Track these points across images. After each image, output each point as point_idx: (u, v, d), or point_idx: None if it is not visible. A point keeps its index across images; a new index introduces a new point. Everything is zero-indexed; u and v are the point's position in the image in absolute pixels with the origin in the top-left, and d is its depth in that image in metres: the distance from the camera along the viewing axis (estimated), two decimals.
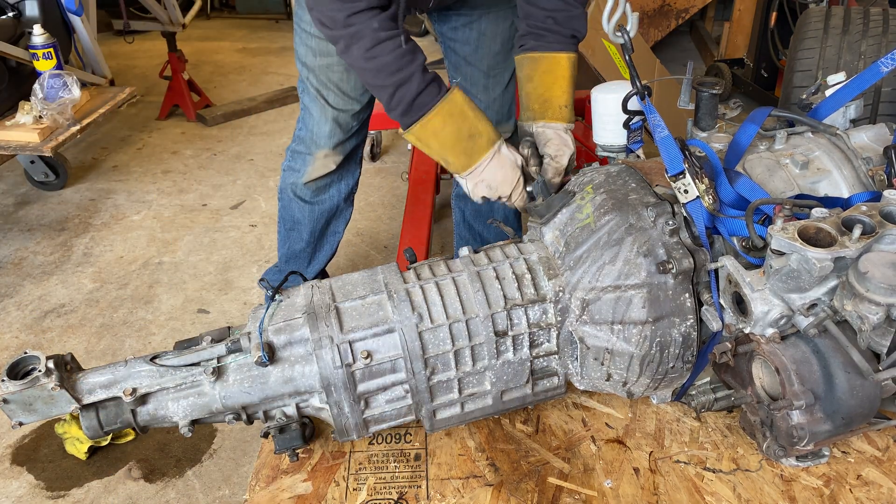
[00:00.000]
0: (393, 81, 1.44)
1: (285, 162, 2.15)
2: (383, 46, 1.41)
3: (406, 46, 1.44)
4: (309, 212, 2.17)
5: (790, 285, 1.18)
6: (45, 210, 3.46)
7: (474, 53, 1.95)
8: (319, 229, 2.22)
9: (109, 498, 1.97)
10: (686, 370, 1.39)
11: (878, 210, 1.20)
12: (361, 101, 1.97)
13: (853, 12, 2.62)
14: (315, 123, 1.98)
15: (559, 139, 1.59)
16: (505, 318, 1.34)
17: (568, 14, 1.58)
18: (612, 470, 1.40)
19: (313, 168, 2.06)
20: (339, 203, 2.19)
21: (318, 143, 2.01)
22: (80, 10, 3.44)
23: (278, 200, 2.23)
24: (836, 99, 1.56)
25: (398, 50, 1.42)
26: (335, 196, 2.17)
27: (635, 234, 1.32)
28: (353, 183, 2.20)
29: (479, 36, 1.92)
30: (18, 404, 1.27)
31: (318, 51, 1.86)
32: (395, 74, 1.43)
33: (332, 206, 2.18)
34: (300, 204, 2.16)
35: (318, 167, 2.06)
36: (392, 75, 1.43)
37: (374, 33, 1.40)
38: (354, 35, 1.41)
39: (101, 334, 2.59)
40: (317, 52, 1.86)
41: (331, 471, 1.43)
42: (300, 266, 2.28)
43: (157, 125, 4.48)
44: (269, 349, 1.30)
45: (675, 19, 5.20)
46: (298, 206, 2.16)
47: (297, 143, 2.07)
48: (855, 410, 1.22)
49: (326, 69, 1.88)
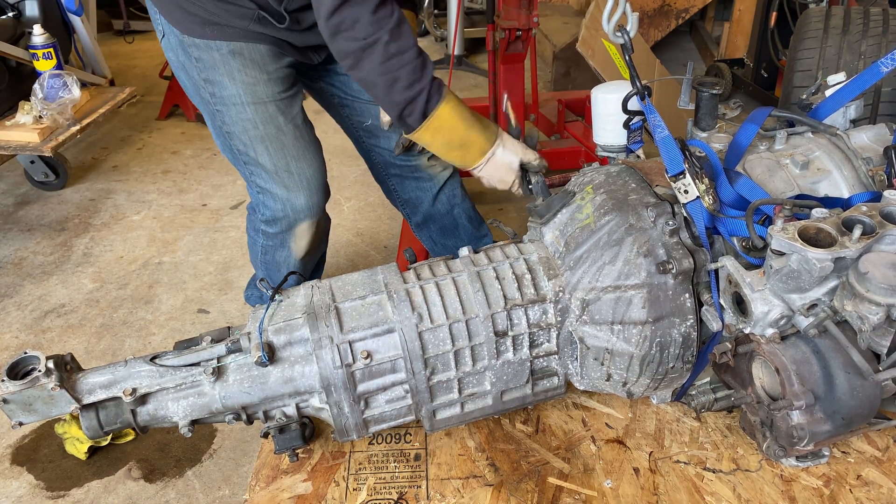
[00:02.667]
0: (404, 97, 1.46)
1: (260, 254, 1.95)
2: (395, 61, 1.43)
3: (419, 60, 1.45)
4: (285, 258, 1.96)
5: (790, 285, 1.18)
6: (45, 210, 3.46)
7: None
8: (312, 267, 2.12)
9: (109, 498, 1.97)
10: (686, 370, 1.39)
11: (878, 210, 1.20)
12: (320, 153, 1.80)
13: (853, 12, 2.62)
14: (285, 202, 1.76)
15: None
16: (505, 319, 1.34)
17: None
18: (612, 470, 1.40)
19: (302, 240, 1.87)
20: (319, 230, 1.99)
21: (298, 218, 1.80)
22: (80, 10, 3.45)
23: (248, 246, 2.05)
24: (836, 99, 1.56)
25: (411, 64, 1.44)
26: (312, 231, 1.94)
27: (635, 235, 1.32)
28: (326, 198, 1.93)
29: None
30: (18, 404, 1.27)
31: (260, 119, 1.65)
32: (406, 90, 1.46)
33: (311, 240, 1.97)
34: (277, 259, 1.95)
35: (306, 237, 1.87)
36: (403, 91, 1.46)
37: (385, 47, 1.41)
38: (370, 48, 1.41)
39: (101, 334, 2.58)
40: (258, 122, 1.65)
41: (331, 471, 1.43)
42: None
43: (157, 125, 4.48)
44: (269, 349, 1.30)
45: (675, 19, 5.20)
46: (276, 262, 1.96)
47: (267, 226, 1.84)
48: (855, 411, 1.22)
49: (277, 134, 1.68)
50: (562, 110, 3.52)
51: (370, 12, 1.38)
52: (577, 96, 3.64)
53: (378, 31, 1.39)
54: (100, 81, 3.69)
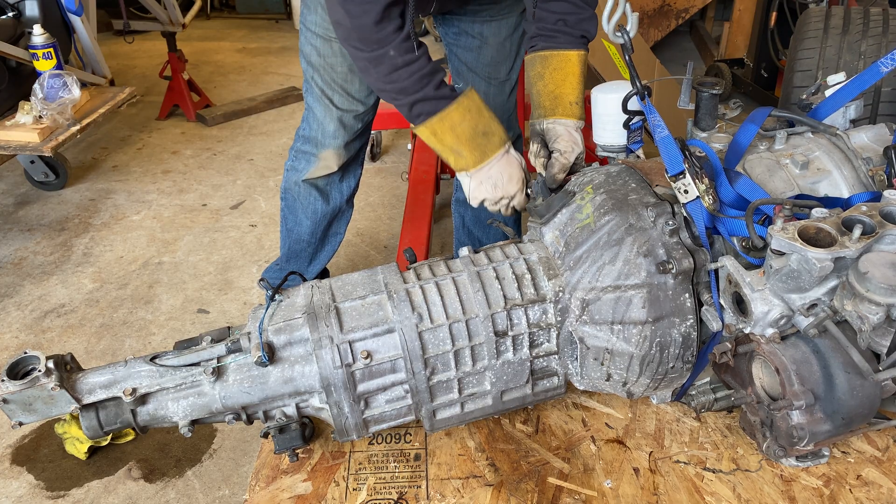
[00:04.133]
0: (409, 100, 1.51)
1: (288, 161, 2.15)
2: (401, 73, 1.48)
3: (426, 69, 1.49)
4: (312, 211, 2.17)
5: (790, 285, 1.18)
6: (45, 210, 3.46)
7: (476, 60, 1.96)
8: (322, 230, 2.22)
9: (109, 498, 1.97)
10: (686, 370, 1.39)
11: (878, 210, 1.20)
12: (366, 103, 1.97)
13: (853, 12, 2.62)
14: (319, 123, 1.99)
15: (569, 135, 1.60)
16: (505, 319, 1.33)
17: (578, 17, 1.59)
18: (611, 470, 1.40)
19: (316, 168, 2.06)
20: (341, 204, 2.20)
21: (324, 143, 2.02)
22: (80, 10, 3.44)
23: (281, 200, 2.24)
24: (836, 99, 1.56)
25: (417, 74, 1.48)
26: (338, 197, 2.17)
27: (635, 235, 1.32)
28: (356, 184, 2.20)
29: (480, 43, 1.93)
30: (18, 404, 1.27)
31: (322, 51, 1.87)
32: (412, 95, 1.50)
33: (335, 206, 2.18)
34: (303, 204, 2.16)
35: (321, 167, 2.06)
36: (408, 95, 1.50)
37: (391, 60, 1.46)
38: (376, 60, 1.48)
39: (100, 334, 2.59)
40: (321, 53, 1.87)
41: (331, 471, 1.43)
42: (301, 265, 2.28)
43: (157, 125, 4.48)
44: (269, 349, 1.30)
45: (675, 19, 5.20)
46: (301, 207, 2.17)
47: (301, 142, 2.08)
48: (855, 411, 1.22)
49: (330, 69, 1.89)
50: None
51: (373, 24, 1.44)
52: None
53: (385, 46, 1.46)
54: (100, 81, 3.69)
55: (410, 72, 1.47)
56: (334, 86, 1.91)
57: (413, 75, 1.48)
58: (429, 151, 3.03)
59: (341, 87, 1.91)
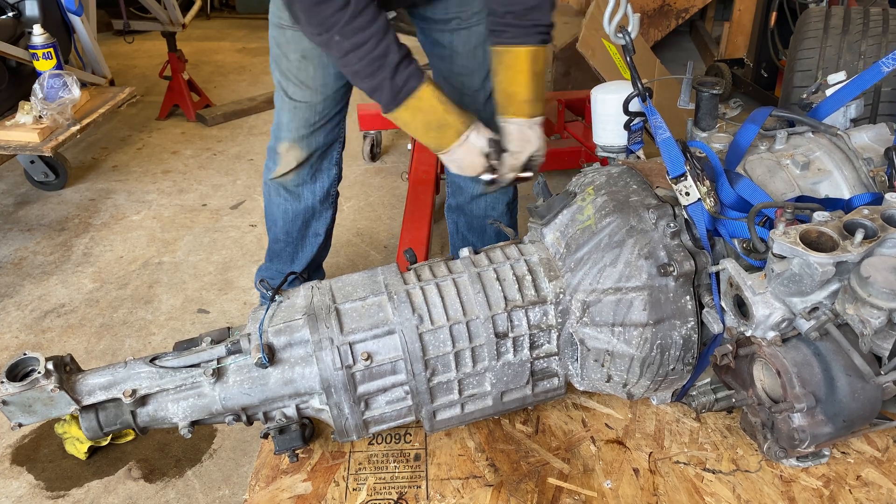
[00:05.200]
0: (368, 86, 1.50)
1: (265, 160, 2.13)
2: (350, 57, 1.46)
3: (376, 51, 1.45)
4: (283, 211, 2.12)
5: (792, 289, 1.18)
6: (45, 210, 3.46)
7: (449, 70, 1.92)
8: (297, 230, 2.15)
9: (109, 498, 1.97)
10: (686, 372, 1.39)
11: (879, 214, 1.20)
12: (323, 92, 1.90)
13: (853, 12, 2.62)
14: (277, 115, 1.97)
15: (520, 134, 1.60)
16: (505, 320, 1.33)
17: (525, 6, 1.54)
18: (611, 470, 1.40)
19: (280, 165, 2.02)
20: (314, 204, 2.12)
21: (279, 136, 1.98)
22: (80, 10, 3.44)
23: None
24: (836, 99, 1.56)
25: (367, 57, 1.45)
26: (310, 198, 2.10)
27: (636, 237, 1.32)
28: (329, 184, 2.12)
29: (451, 53, 1.89)
30: (18, 406, 1.27)
31: (278, 40, 1.85)
32: (368, 80, 1.49)
33: (307, 206, 2.11)
34: (275, 201, 2.11)
35: (283, 163, 2.01)
36: (364, 80, 1.49)
37: (338, 45, 1.44)
38: (326, 44, 1.47)
39: (100, 334, 2.58)
40: (277, 41, 1.85)
41: (330, 471, 1.42)
42: (283, 265, 2.23)
43: (157, 125, 4.48)
44: (269, 350, 1.30)
45: (675, 19, 5.20)
46: (274, 204, 2.12)
47: (271, 139, 2.05)
48: (856, 413, 1.22)
49: (284, 58, 1.86)
50: (562, 110, 3.52)
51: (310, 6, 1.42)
52: (577, 96, 3.64)
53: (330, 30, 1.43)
54: (100, 81, 3.69)
55: (359, 56, 1.44)
56: (289, 75, 1.87)
57: (362, 59, 1.45)
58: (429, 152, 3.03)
59: (295, 77, 1.87)
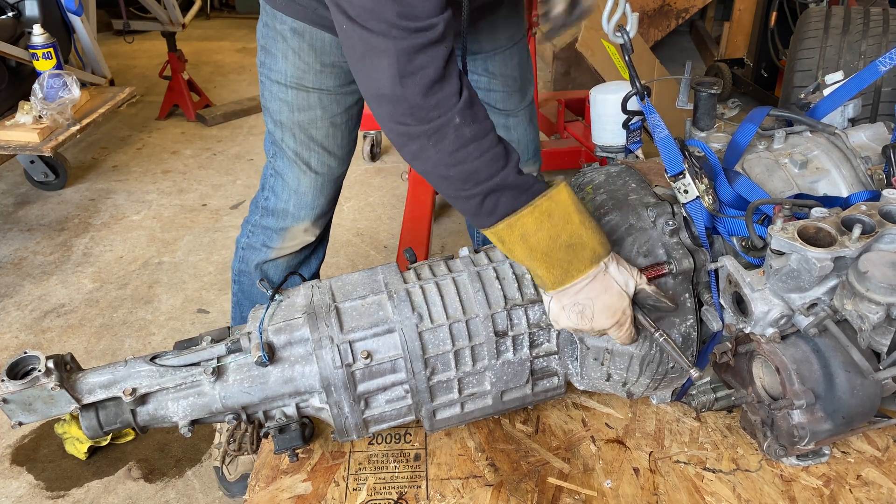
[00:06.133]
0: (484, 188, 1.13)
1: (242, 237, 1.80)
2: (470, 150, 1.11)
3: (499, 146, 1.14)
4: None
5: (790, 285, 1.18)
6: (45, 210, 3.46)
7: (487, 97, 1.78)
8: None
9: (109, 498, 1.97)
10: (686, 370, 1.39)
11: (877, 209, 1.20)
12: (347, 160, 1.71)
13: (853, 12, 2.62)
14: (292, 192, 1.68)
15: None
16: (505, 319, 1.33)
17: None
18: (611, 470, 1.40)
19: (289, 244, 1.75)
20: (316, 269, 1.90)
21: (298, 216, 1.70)
22: (80, 10, 3.44)
23: (233, 282, 1.86)
24: (834, 98, 1.56)
25: (492, 150, 1.12)
26: (314, 264, 1.88)
27: (635, 235, 1.32)
28: (324, 254, 1.91)
29: (489, 79, 1.76)
30: (18, 404, 1.27)
31: (297, 105, 1.57)
32: (486, 180, 1.13)
33: (310, 275, 1.89)
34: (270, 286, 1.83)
35: (295, 243, 1.75)
36: (482, 180, 1.13)
37: (457, 130, 1.09)
38: (438, 132, 1.09)
39: (100, 334, 2.59)
40: (295, 107, 1.57)
41: (330, 471, 1.43)
42: None
43: (157, 125, 4.48)
44: (269, 349, 1.30)
45: (675, 19, 5.20)
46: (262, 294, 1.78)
47: (261, 214, 1.74)
48: (855, 409, 1.22)
49: (309, 126, 1.59)
50: (562, 110, 3.53)
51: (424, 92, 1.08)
52: (577, 96, 3.65)
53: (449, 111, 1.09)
54: (100, 81, 3.69)
55: (481, 149, 1.11)
56: (312, 146, 1.61)
57: (485, 153, 1.11)
58: None
59: (321, 146, 1.61)
